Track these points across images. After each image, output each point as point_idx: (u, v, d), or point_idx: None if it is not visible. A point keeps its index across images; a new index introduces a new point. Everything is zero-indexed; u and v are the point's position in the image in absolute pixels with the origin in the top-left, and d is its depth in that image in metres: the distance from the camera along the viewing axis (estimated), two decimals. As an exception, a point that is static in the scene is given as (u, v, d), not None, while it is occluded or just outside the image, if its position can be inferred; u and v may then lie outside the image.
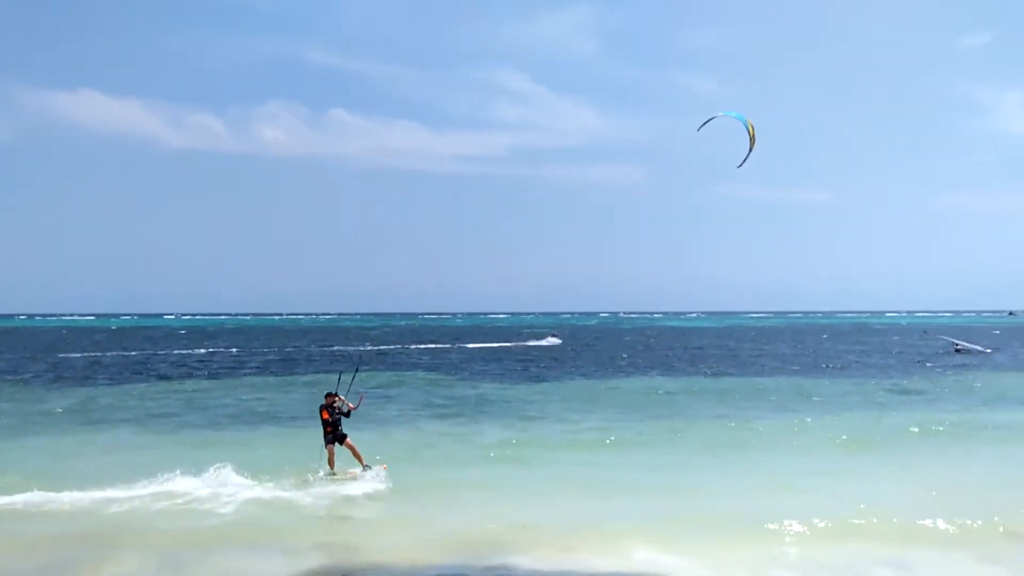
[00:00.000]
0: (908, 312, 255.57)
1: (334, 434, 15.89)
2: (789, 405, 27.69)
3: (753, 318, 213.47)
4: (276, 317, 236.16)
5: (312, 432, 21.60)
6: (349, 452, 15.98)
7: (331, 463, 15.87)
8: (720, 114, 15.54)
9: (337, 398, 16.06)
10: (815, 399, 29.48)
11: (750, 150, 14.82)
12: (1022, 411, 26.37)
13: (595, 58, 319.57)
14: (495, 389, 33.30)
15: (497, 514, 13.46)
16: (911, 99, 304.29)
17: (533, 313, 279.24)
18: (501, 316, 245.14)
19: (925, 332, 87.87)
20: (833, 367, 44.79)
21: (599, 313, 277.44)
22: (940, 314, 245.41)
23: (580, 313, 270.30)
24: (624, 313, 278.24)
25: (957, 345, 58.07)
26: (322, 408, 16.02)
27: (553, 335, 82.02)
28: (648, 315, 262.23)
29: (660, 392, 31.91)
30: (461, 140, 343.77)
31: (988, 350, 56.46)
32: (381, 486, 15.17)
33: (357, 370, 17.96)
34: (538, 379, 38.12)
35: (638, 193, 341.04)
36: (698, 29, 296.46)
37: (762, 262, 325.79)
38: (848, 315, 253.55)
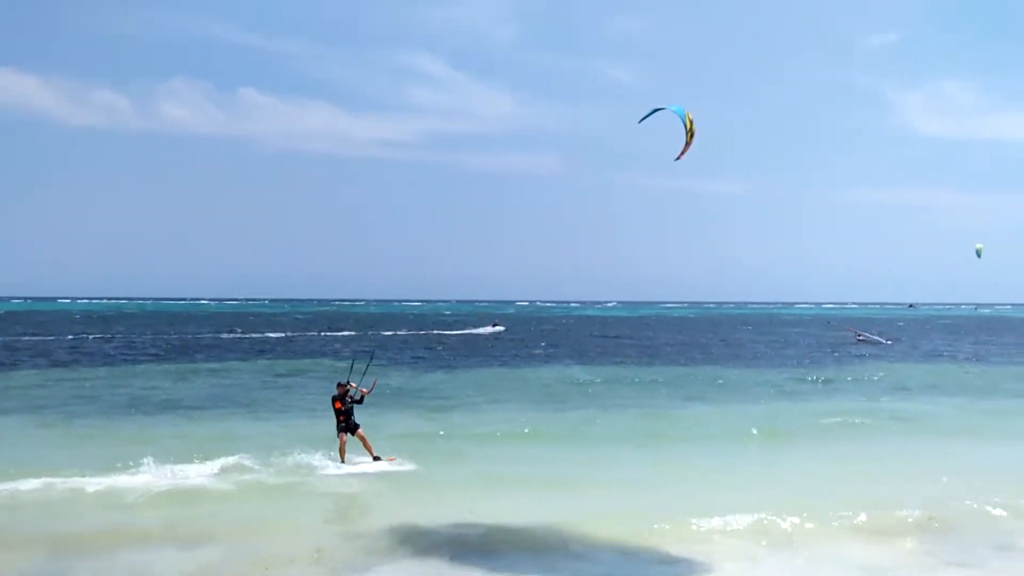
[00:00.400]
0: (816, 303, 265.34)
1: (347, 423, 15.89)
2: (703, 395, 28.35)
3: (668, 308, 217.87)
4: (180, 302, 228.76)
5: (211, 421, 20.98)
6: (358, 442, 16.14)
7: (342, 452, 15.84)
8: (661, 107, 15.51)
9: (350, 386, 16.04)
10: (728, 389, 30.21)
11: (687, 144, 14.94)
12: (919, 401, 27.62)
13: (514, 44, 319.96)
14: (409, 378, 33.01)
15: (405, 511, 13.03)
16: (821, 95, 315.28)
17: (449, 301, 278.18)
18: (415, 303, 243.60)
19: (828, 323, 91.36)
20: (746, 356, 46.17)
21: (516, 301, 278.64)
22: (846, 305, 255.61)
23: (497, 301, 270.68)
24: (541, 302, 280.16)
25: (859, 336, 60.63)
26: (334, 399, 16.04)
27: (496, 323, 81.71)
28: (565, 304, 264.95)
29: (579, 381, 32.11)
30: (377, 124, 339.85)
31: (888, 341, 59.15)
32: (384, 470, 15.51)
33: (372, 357, 17.77)
34: (452, 367, 38.04)
35: (556, 181, 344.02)
36: (618, 17, 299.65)
37: (678, 253, 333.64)
38: (760, 306, 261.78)
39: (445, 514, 12.65)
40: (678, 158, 14.76)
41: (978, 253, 41.85)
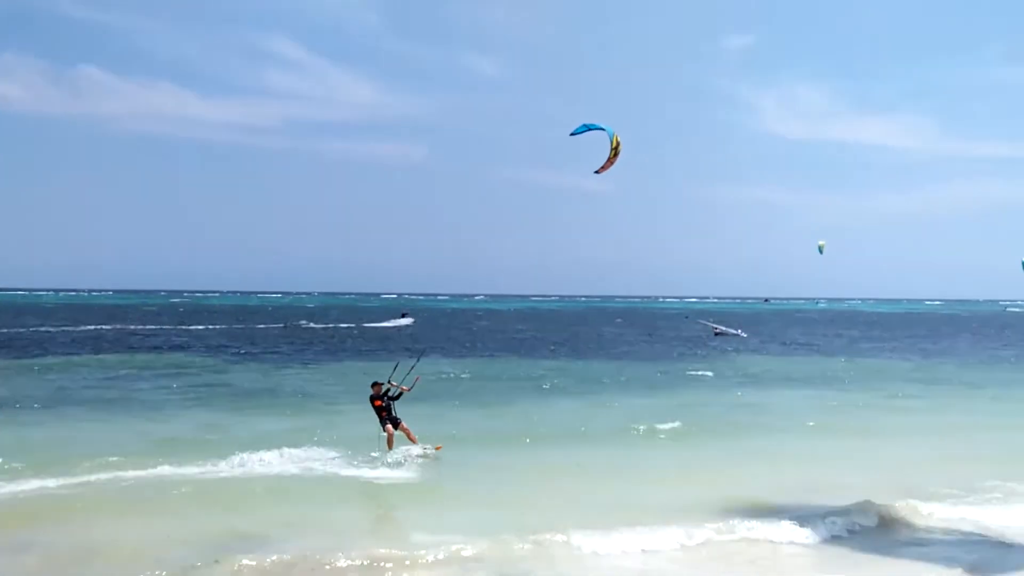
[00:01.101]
0: (680, 298, 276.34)
1: (389, 418, 16.97)
2: (571, 390, 28.94)
3: (536, 301, 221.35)
4: (17, 293, 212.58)
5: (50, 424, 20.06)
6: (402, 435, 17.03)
7: (390, 444, 16.79)
8: (590, 125, 16.93)
9: (390, 385, 17.18)
10: (601, 384, 30.86)
11: (610, 162, 16.58)
12: (774, 391, 29.31)
13: (377, 30, 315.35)
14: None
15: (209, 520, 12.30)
16: (679, 93, 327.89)
17: (309, 293, 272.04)
18: (275, 295, 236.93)
19: (687, 317, 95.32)
20: (613, 352, 47.58)
21: (380, 294, 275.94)
22: (707, 300, 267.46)
23: (362, 294, 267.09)
24: (409, 295, 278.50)
25: (716, 329, 63.68)
26: (372, 398, 17.05)
27: (404, 314, 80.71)
28: (432, 296, 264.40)
29: (452, 376, 31.73)
30: (230, 108, 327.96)
31: (744, 335, 62.42)
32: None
33: (419, 359, 18.51)
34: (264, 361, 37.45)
35: (421, 172, 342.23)
36: (483, 8, 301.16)
37: (547, 247, 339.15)
38: (625, 300, 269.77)
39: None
40: (598, 172, 16.63)
41: (820, 249, 44.92)
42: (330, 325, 71.22)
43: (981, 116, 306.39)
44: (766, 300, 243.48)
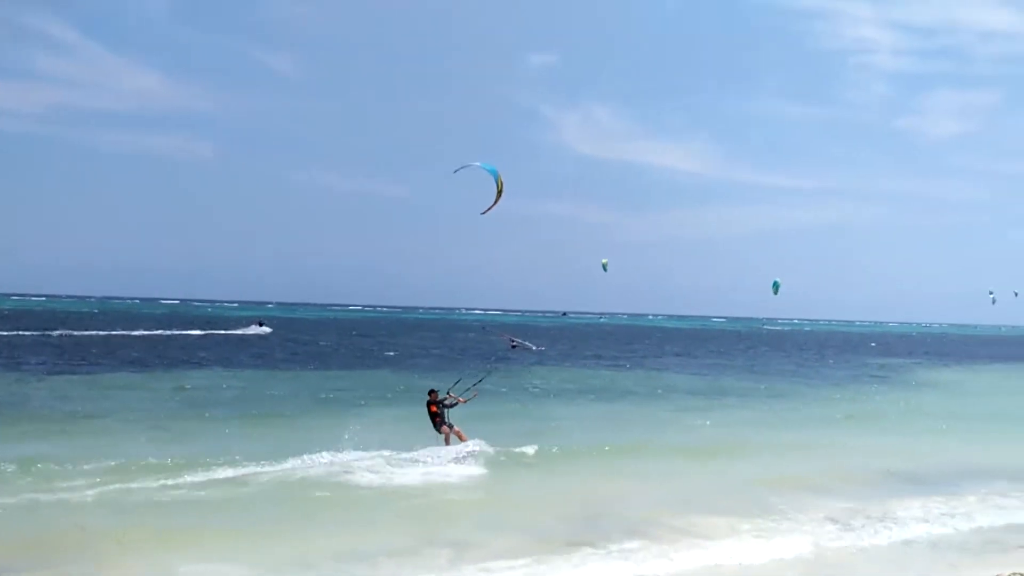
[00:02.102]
0: (484, 311, 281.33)
1: (442, 421, 19.50)
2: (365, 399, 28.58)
3: (337, 311, 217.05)
4: None
5: None
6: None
7: (447, 442, 19.36)
8: (475, 164, 19.24)
9: (448, 396, 19.79)
10: (395, 393, 30.79)
11: (496, 201, 18.45)
12: (570, 405, 30.21)
13: (163, 17, 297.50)
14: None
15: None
16: (482, 106, 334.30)
17: (72, 297, 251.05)
18: (36, 298, 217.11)
19: (484, 328, 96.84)
20: (406, 363, 47.34)
21: (160, 299, 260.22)
22: (510, 312, 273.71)
23: (142, 299, 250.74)
24: (197, 302, 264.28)
25: (513, 342, 65.08)
26: (428, 403, 19.73)
27: (259, 323, 79.60)
28: (219, 303, 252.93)
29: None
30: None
31: (541, 348, 64.20)
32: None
33: (482, 378, 20.89)
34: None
35: (207, 169, 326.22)
36: (283, 1, 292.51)
37: (344, 253, 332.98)
38: (427, 311, 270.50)
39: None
40: (484, 213, 18.29)
41: (604, 267, 47.18)
42: (176, 332, 69.00)
43: (760, 146, 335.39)
44: (564, 314, 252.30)
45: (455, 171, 19.79)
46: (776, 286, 47.84)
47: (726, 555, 12.46)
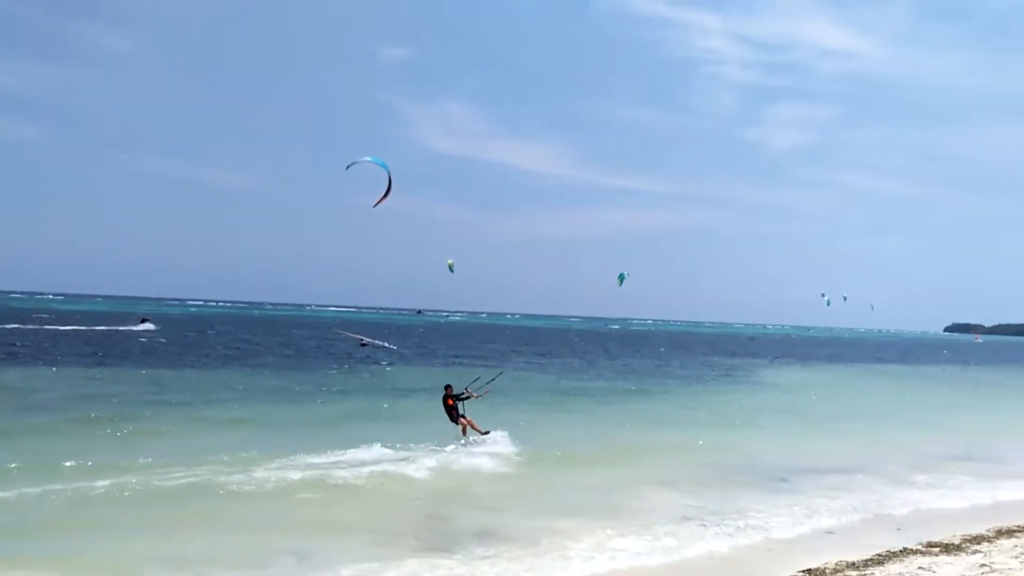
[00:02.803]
0: (338, 307, 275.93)
1: (459, 414, 21.79)
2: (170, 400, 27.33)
3: (171, 305, 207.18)
4: None
5: None
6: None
7: (464, 432, 21.59)
8: (366, 159, 20.53)
9: (465, 391, 22.14)
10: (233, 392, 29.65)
11: (386, 194, 19.99)
12: (419, 400, 29.72)
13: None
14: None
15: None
16: (335, 99, 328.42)
17: None
18: None
19: (331, 328, 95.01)
20: (250, 362, 45.66)
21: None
22: (364, 310, 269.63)
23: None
24: (16, 293, 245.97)
25: (362, 340, 64.05)
26: (444, 398, 21.97)
27: (145, 319, 77.76)
28: (39, 295, 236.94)
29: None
30: None
31: (393, 346, 63.45)
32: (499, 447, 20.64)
33: (494, 378, 23.69)
34: None
35: (30, 152, 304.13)
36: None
37: (183, 245, 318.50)
38: (274, 307, 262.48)
39: None
40: (375, 205, 19.78)
41: (450, 268, 47.17)
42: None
43: (615, 150, 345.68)
44: (420, 312, 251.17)
45: (347, 167, 20.85)
46: (622, 278, 49.10)
47: (583, 558, 12.43)
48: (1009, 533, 14.21)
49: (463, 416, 21.79)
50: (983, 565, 11.95)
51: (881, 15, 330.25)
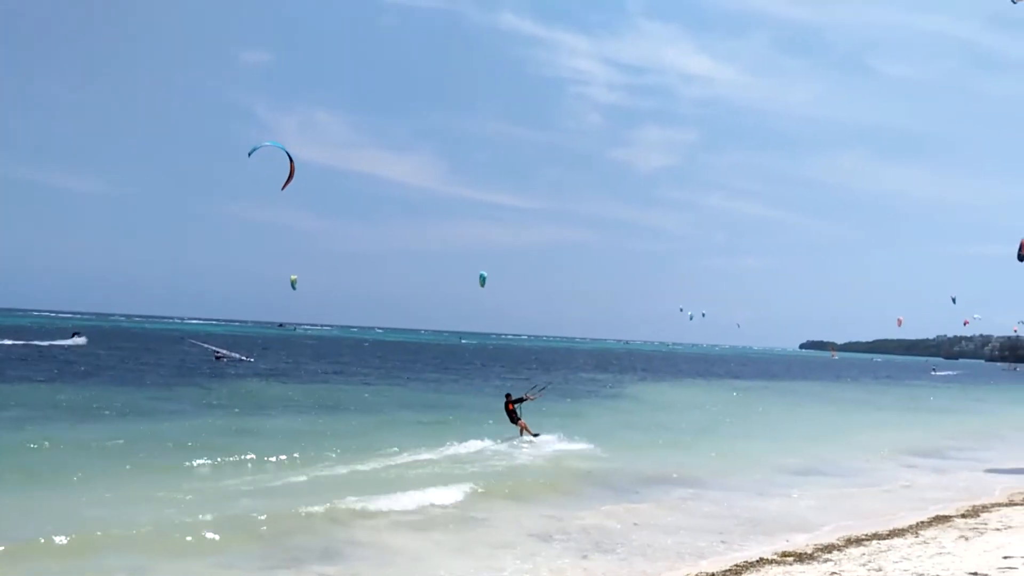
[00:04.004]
0: (204, 320, 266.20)
1: (517, 417, 26.17)
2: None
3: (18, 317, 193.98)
4: None
5: None
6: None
7: (523, 432, 25.93)
8: (267, 143, 21.53)
9: (526, 397, 27.07)
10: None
11: (291, 177, 21.24)
12: (278, 417, 29.04)
13: None
14: None
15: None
16: (193, 103, 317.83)
17: None
18: None
19: (183, 339, 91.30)
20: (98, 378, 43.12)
21: None
22: (228, 323, 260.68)
23: None
24: None
25: (217, 353, 61.80)
26: (506, 404, 26.50)
27: (77, 333, 75.95)
28: None
29: None
30: None
31: (251, 359, 61.47)
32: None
33: (545, 388, 29.60)
34: None
35: None
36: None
37: (23, 250, 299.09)
38: (130, 319, 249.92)
39: None
40: (283, 188, 21.12)
41: (292, 284, 46.34)
42: None
43: (483, 165, 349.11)
44: (281, 325, 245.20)
45: (249, 154, 21.31)
46: (482, 278, 49.35)
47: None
48: (857, 542, 14.74)
49: (520, 419, 26.16)
50: (833, 573, 12.29)
51: (740, 45, 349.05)
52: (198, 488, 16.91)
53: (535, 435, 25.69)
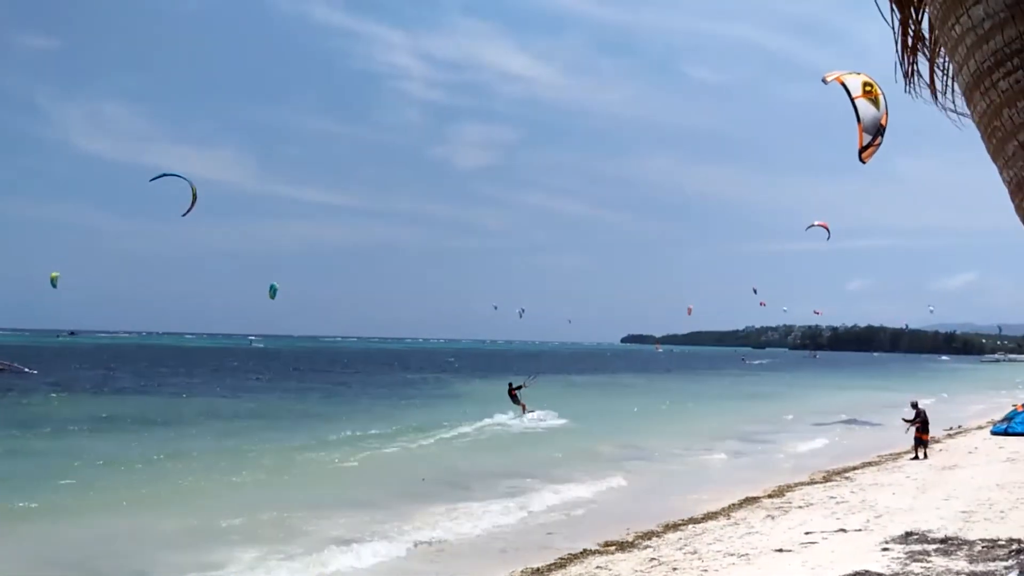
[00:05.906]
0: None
1: (518, 400, 36.37)
2: None
3: None
4: None
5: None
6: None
7: (524, 411, 35.68)
8: (171, 175, 22.74)
9: (524, 385, 36.90)
10: None
11: (192, 205, 22.46)
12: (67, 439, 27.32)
13: None
14: None
15: None
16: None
17: None
18: None
19: None
20: None
21: None
22: (8, 331, 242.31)
23: None
24: None
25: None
26: (509, 391, 36.89)
27: None
28: None
29: None
30: None
31: (34, 371, 58.66)
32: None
33: (536, 376, 40.27)
34: None
35: None
36: None
37: None
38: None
39: None
40: (184, 215, 22.53)
41: (53, 282, 44.35)
42: None
43: (296, 161, 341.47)
44: (72, 333, 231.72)
45: (151, 180, 22.51)
46: (273, 289, 49.02)
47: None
48: (675, 527, 15.74)
49: (521, 401, 35.95)
50: (652, 559, 13.14)
51: (557, 44, 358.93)
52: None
53: (532, 411, 35.34)
